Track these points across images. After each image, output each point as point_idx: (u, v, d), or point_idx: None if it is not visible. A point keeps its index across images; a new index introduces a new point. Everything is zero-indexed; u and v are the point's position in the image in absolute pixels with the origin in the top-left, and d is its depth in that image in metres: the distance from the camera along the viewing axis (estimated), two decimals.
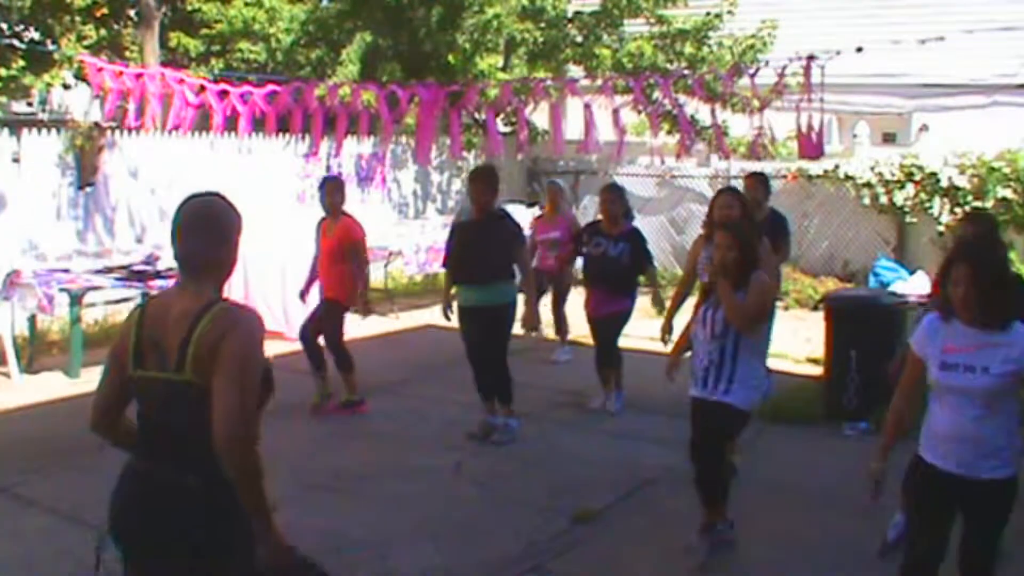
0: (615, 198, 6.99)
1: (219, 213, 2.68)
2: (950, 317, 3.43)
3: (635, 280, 6.97)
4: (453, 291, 6.52)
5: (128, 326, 2.70)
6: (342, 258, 6.84)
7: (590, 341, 7.29)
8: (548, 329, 8.79)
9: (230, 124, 9.46)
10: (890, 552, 4.58)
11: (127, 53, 15.46)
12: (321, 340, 6.98)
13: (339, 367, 6.95)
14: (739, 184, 12.98)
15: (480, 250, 6.23)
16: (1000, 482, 3.40)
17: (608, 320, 6.88)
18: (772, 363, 8.49)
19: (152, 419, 2.67)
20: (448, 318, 6.56)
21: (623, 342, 7.13)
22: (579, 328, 8.46)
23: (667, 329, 5.95)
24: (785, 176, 12.38)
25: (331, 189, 7.04)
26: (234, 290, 9.09)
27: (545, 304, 8.89)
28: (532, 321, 6.48)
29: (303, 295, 7.31)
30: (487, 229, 6.29)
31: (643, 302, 7.41)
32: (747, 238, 4.61)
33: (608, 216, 6.98)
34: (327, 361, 6.98)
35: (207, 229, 2.66)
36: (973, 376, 3.35)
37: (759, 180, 7.24)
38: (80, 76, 14.51)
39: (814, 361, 7.79)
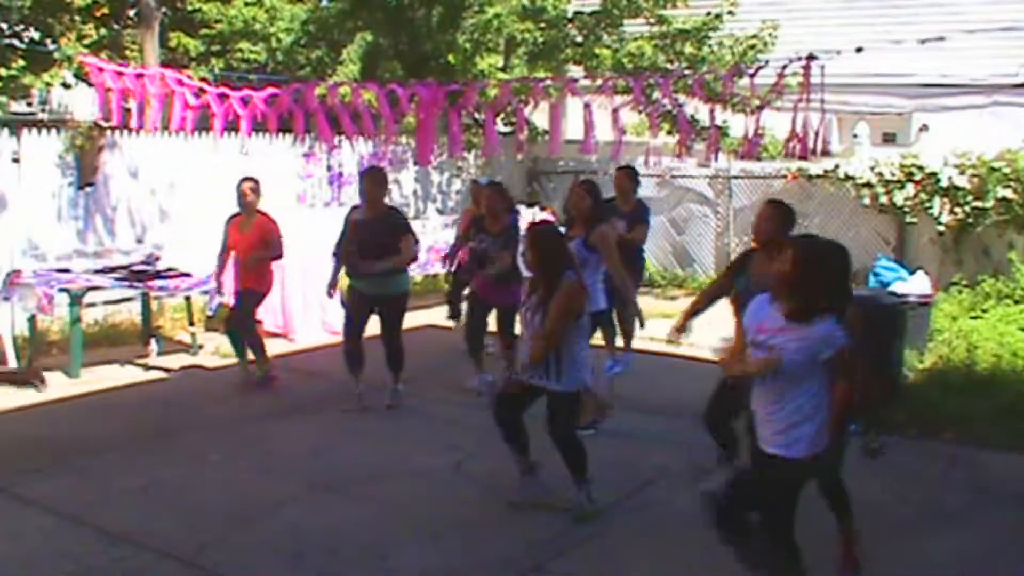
0: (493, 194, 7.39)
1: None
2: (775, 299, 3.61)
3: (512, 275, 7.11)
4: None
5: None
6: (261, 252, 7.45)
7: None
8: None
9: (231, 125, 9.45)
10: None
11: (127, 53, 15.45)
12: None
13: (253, 347, 7.63)
14: (743, 184, 12.95)
15: (373, 245, 6.76)
16: (793, 461, 3.55)
17: (502, 309, 7.25)
18: None
19: None
20: (330, 296, 7.24)
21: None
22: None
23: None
24: (785, 176, 12.38)
25: (248, 188, 7.52)
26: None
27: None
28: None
29: (219, 289, 8.02)
30: (379, 225, 6.82)
31: (648, 303, 7.42)
32: (547, 243, 4.99)
33: (488, 212, 7.35)
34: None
35: None
36: (772, 356, 3.50)
37: (628, 174, 7.88)
38: (80, 76, 14.50)
39: None
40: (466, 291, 8.02)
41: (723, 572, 4.57)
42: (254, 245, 7.49)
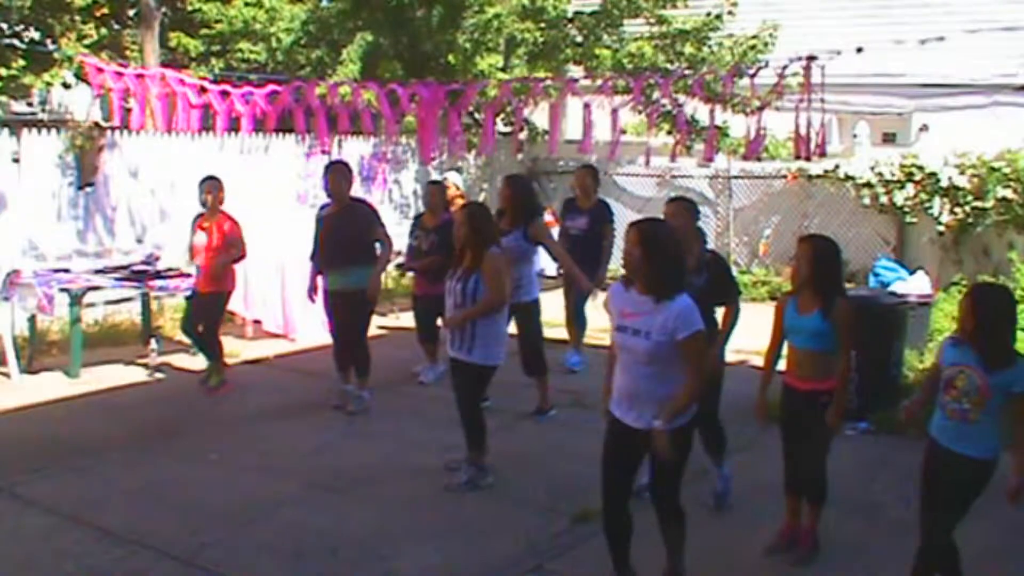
0: (434, 191, 7.84)
1: None
2: (630, 285, 3.93)
3: (444, 270, 7.15)
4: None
5: None
6: (223, 252, 7.37)
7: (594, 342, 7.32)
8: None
9: (233, 124, 9.45)
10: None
11: (127, 53, 15.46)
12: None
13: (211, 355, 7.59)
14: (743, 184, 12.93)
15: (339, 239, 6.79)
16: (670, 434, 3.83)
17: (431, 300, 7.35)
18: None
19: None
20: (312, 300, 7.21)
21: None
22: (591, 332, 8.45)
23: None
24: (785, 176, 12.37)
25: (209, 187, 7.44)
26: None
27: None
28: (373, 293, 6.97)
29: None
30: (344, 218, 6.84)
31: None
32: (479, 219, 5.46)
33: (429, 208, 7.80)
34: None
35: None
36: (638, 339, 3.83)
37: (589, 172, 8.21)
38: (80, 76, 14.51)
39: None
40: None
41: (723, 571, 4.58)
42: (216, 246, 7.38)
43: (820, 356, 4.50)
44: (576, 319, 8.34)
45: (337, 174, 6.96)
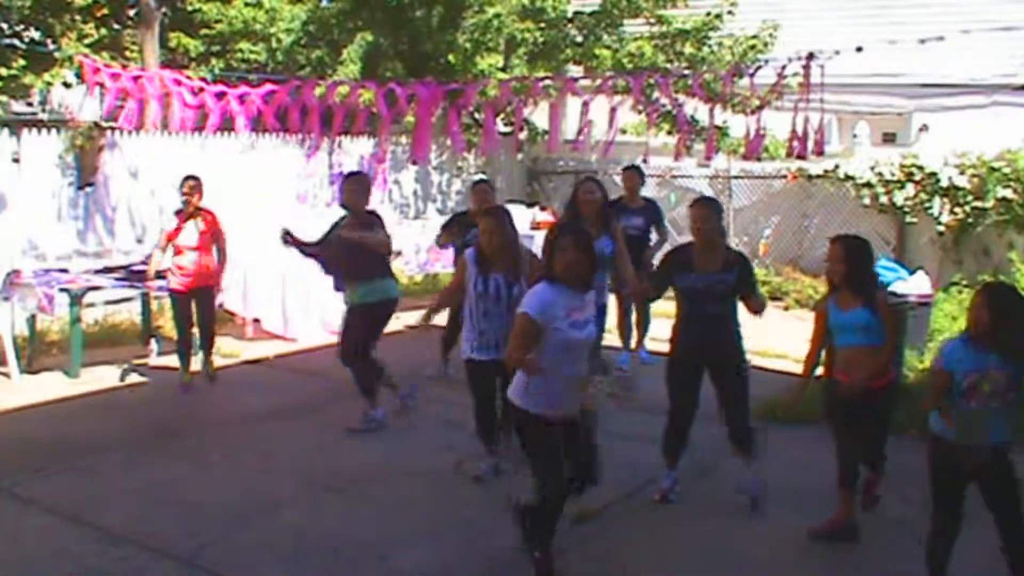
0: (485, 189, 7.63)
1: None
2: (555, 283, 4.17)
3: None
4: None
5: None
6: (208, 249, 7.52)
7: None
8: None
9: (229, 124, 9.45)
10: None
11: (127, 53, 15.47)
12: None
13: (207, 347, 7.75)
14: (743, 184, 12.95)
15: (363, 252, 6.54)
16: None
17: None
18: (773, 363, 8.55)
19: None
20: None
21: None
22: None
23: None
24: (785, 176, 12.37)
25: (194, 186, 7.48)
26: (233, 290, 9.09)
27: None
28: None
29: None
30: (363, 230, 6.59)
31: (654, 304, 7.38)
32: (512, 227, 5.47)
33: (478, 207, 7.52)
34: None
35: None
36: (589, 327, 4.25)
37: (635, 172, 8.43)
38: (80, 76, 14.51)
39: None
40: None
41: (723, 570, 4.58)
42: (208, 243, 7.51)
43: (870, 351, 4.65)
44: (627, 319, 8.36)
45: (355, 185, 6.68)
